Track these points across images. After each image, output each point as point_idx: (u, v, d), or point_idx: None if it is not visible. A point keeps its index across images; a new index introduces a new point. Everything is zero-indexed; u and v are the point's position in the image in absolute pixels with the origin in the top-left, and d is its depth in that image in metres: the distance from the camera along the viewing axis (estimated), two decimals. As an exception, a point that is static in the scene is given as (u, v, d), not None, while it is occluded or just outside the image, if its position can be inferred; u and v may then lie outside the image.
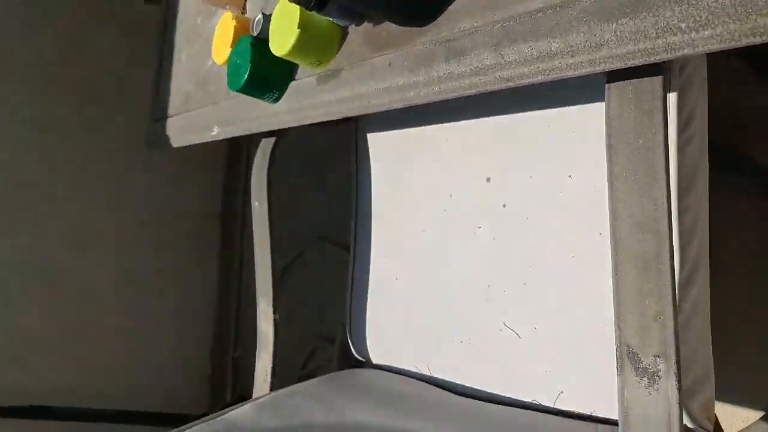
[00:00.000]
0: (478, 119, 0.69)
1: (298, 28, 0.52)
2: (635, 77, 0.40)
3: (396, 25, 0.49)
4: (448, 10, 0.45)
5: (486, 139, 0.67)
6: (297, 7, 0.52)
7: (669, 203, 0.38)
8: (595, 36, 0.35)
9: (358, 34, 0.54)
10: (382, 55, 0.50)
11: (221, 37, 0.68)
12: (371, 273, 0.83)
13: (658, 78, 0.39)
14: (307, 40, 0.53)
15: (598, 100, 0.53)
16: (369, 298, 0.83)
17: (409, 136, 0.78)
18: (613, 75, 0.41)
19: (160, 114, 0.96)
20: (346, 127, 0.88)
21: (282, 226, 0.87)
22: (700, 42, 0.31)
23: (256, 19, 0.61)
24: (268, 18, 0.60)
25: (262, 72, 0.59)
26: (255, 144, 0.87)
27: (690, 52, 0.31)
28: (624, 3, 0.34)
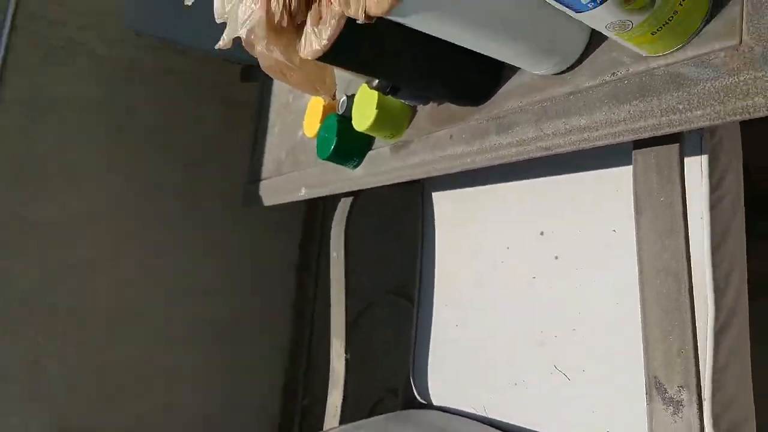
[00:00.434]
0: (531, 180, 0.77)
1: (377, 109, 0.64)
2: (657, 145, 0.48)
3: (455, 105, 0.60)
4: (498, 93, 0.56)
5: (539, 197, 0.75)
6: (376, 92, 0.64)
7: (688, 250, 0.44)
8: (613, 114, 0.44)
9: (425, 112, 0.65)
10: (444, 129, 0.61)
11: (312, 115, 0.82)
12: (433, 321, 0.91)
13: (675, 146, 0.46)
14: (383, 118, 0.65)
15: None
16: (431, 343, 0.90)
17: (469, 195, 0.87)
18: (639, 143, 0.49)
19: (254, 177, 1.11)
20: (413, 188, 0.99)
21: (350, 280, 0.96)
22: (694, 119, 0.39)
23: (341, 101, 0.75)
24: (351, 99, 0.73)
25: (346, 144, 0.71)
26: (330, 203, 0.99)
27: (687, 127, 0.39)
28: (635, 89, 0.43)
